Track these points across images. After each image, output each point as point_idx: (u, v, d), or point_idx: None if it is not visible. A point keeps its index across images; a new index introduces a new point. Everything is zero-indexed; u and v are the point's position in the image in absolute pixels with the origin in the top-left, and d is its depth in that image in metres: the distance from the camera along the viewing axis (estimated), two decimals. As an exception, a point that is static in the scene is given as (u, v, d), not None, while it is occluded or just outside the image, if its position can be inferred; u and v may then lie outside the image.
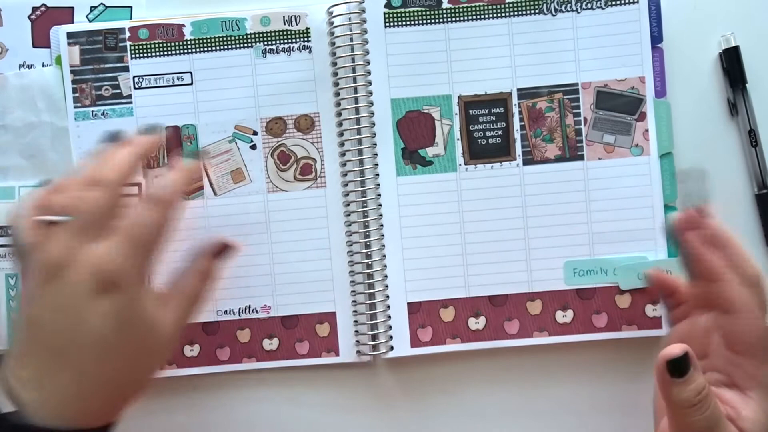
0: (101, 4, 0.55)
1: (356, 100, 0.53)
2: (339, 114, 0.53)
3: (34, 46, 0.55)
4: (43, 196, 0.40)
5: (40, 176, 0.54)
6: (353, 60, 0.53)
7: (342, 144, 0.54)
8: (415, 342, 0.53)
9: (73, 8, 0.55)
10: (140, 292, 0.40)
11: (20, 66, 0.55)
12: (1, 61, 0.55)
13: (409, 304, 0.53)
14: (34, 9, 0.55)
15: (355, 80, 0.53)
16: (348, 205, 0.54)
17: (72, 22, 0.55)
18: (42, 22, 0.55)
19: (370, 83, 0.53)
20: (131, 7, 0.55)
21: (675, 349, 0.38)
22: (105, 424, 0.40)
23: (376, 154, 0.53)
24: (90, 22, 0.55)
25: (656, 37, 0.52)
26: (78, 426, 0.38)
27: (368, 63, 0.53)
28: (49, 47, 0.55)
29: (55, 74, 0.55)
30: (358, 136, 0.54)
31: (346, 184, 0.54)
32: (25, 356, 0.38)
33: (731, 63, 0.53)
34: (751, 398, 0.39)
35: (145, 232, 0.40)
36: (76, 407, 0.38)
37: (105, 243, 0.39)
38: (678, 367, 0.37)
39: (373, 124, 0.53)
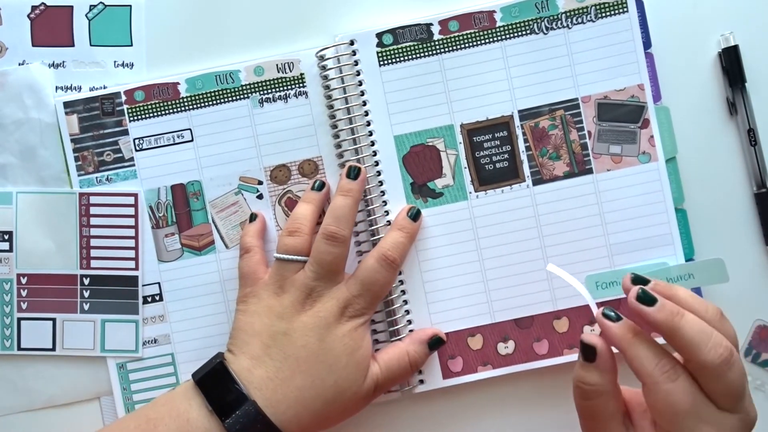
0: (100, 2, 0.55)
1: (355, 141, 0.53)
2: (341, 156, 0.53)
3: (33, 45, 0.55)
4: (282, 238, 0.50)
5: (31, 174, 0.55)
6: (347, 101, 0.53)
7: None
8: (447, 373, 0.53)
9: (72, 7, 0.55)
10: (367, 326, 0.50)
11: (20, 65, 0.55)
12: (1, 59, 0.55)
13: (436, 336, 0.53)
14: (34, 8, 0.55)
15: (351, 121, 0.53)
16: (360, 245, 0.53)
17: (71, 21, 0.55)
18: (41, 21, 0.55)
19: (369, 123, 0.53)
20: (130, 6, 0.55)
21: (590, 337, 0.43)
22: None
23: (383, 192, 0.53)
24: (90, 21, 0.55)
25: (645, 44, 0.53)
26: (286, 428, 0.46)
27: (365, 103, 0.53)
28: (48, 46, 0.55)
29: (41, 70, 0.55)
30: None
31: (357, 224, 0.53)
32: (263, 359, 0.47)
33: (730, 62, 0.53)
34: None
35: (380, 289, 0.50)
36: (294, 411, 0.46)
37: (345, 285, 0.50)
38: (584, 352, 0.43)
39: (377, 162, 0.53)
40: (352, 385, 0.48)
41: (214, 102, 0.54)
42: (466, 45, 0.53)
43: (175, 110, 0.54)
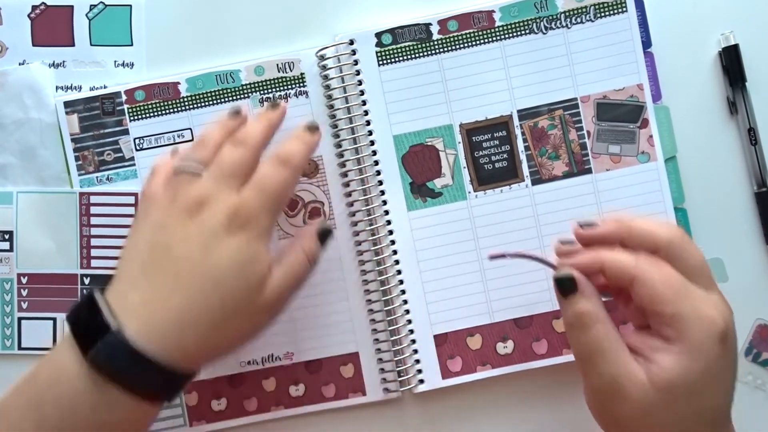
0: (101, 2, 0.55)
1: (356, 140, 0.53)
2: (341, 155, 0.53)
3: (33, 45, 0.56)
4: (190, 150, 0.46)
5: (32, 174, 0.55)
6: (347, 101, 0.53)
7: (347, 185, 0.54)
8: (446, 373, 0.53)
9: (72, 7, 0.56)
10: (264, 240, 0.43)
11: (20, 65, 0.56)
12: (1, 59, 0.55)
13: (435, 336, 0.53)
14: (34, 8, 0.56)
15: (351, 121, 0.53)
16: (359, 244, 0.54)
17: (71, 21, 0.56)
18: (42, 21, 0.56)
19: (368, 123, 0.53)
20: (131, 5, 0.56)
21: (563, 270, 0.42)
22: (187, 372, 0.42)
23: (383, 192, 0.53)
24: (90, 20, 0.56)
25: (645, 43, 0.53)
26: (167, 361, 0.40)
27: (365, 103, 0.53)
28: (48, 46, 0.56)
29: (41, 70, 0.55)
30: (363, 176, 0.54)
31: (356, 224, 0.53)
32: (139, 279, 0.42)
33: (731, 61, 0.53)
34: (672, 350, 0.39)
35: (276, 189, 0.44)
36: (175, 337, 0.40)
37: (240, 192, 0.43)
38: (563, 287, 0.42)
39: (377, 162, 0.53)
40: (244, 301, 0.42)
41: (215, 102, 0.54)
42: (465, 45, 0.53)
43: (175, 110, 0.55)
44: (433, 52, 0.53)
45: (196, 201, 0.43)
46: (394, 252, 0.53)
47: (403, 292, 0.53)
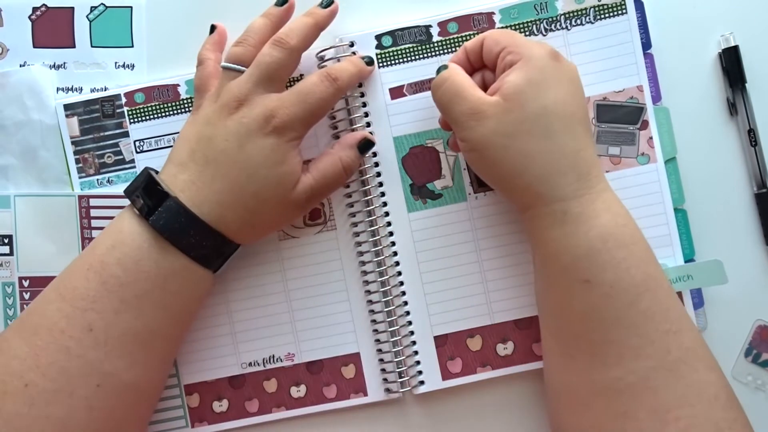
0: (101, 4, 0.56)
1: (356, 141, 0.53)
2: (341, 156, 0.54)
3: (34, 47, 0.56)
4: (234, 45, 0.50)
5: (33, 175, 0.55)
6: (347, 102, 0.53)
7: (347, 186, 0.54)
8: (446, 374, 0.53)
9: (73, 8, 0.56)
10: (295, 145, 0.48)
11: (21, 66, 0.56)
12: (2, 61, 0.56)
13: (435, 337, 0.53)
14: (35, 9, 0.56)
15: (352, 122, 0.53)
16: (360, 245, 0.54)
17: (72, 23, 0.56)
18: (42, 23, 0.56)
19: (369, 124, 0.53)
20: (131, 7, 0.56)
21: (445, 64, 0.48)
22: (231, 242, 0.49)
23: (383, 193, 0.53)
24: (90, 22, 0.56)
25: (645, 44, 0.53)
26: (215, 226, 0.47)
27: (365, 105, 0.53)
28: (49, 47, 0.56)
29: (42, 72, 0.55)
30: (363, 177, 0.54)
31: (356, 225, 0.54)
32: (188, 164, 0.47)
33: (731, 63, 0.53)
34: (515, 68, 0.45)
35: (316, 102, 0.48)
36: (218, 211, 0.47)
37: (279, 95, 0.48)
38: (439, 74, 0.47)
39: (377, 164, 0.54)
40: (276, 196, 0.48)
41: (215, 103, 0.54)
42: (465, 46, 0.53)
43: (175, 112, 0.55)
44: (434, 53, 0.53)
45: (235, 99, 0.47)
46: (395, 253, 0.53)
47: (404, 293, 0.53)
